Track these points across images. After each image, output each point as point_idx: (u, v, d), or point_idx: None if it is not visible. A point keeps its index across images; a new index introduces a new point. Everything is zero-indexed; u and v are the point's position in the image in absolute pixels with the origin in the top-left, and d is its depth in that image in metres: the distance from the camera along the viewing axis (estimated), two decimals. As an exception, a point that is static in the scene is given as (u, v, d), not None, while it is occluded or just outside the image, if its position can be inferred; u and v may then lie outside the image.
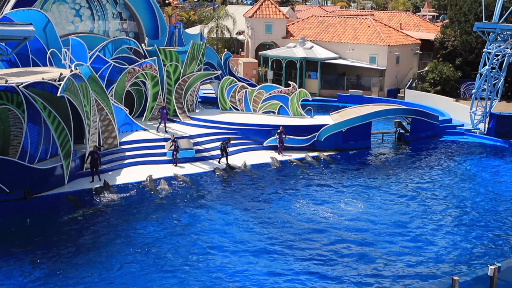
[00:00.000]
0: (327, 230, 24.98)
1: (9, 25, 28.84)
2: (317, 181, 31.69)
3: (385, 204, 28.49)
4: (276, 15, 61.14)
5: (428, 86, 53.49)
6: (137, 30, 42.07)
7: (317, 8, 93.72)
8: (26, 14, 34.22)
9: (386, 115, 40.01)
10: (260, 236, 24.27)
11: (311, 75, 56.24)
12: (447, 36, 55.94)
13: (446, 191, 30.79)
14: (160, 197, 28.41)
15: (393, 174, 33.33)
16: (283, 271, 21.39)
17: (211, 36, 66.72)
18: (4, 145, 27.01)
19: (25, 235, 23.82)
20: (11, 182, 26.35)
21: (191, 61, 39.02)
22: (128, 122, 35.75)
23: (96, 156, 29.47)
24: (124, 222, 25.47)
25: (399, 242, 24.12)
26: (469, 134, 42.39)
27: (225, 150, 33.25)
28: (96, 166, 29.63)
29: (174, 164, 32.44)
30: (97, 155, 29.52)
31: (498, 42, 40.22)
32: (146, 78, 37.87)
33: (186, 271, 21.18)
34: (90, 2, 40.12)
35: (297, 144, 36.58)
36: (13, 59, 33.38)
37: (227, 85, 40.69)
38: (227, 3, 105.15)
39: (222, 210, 27.09)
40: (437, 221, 26.53)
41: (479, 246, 24.01)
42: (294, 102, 39.75)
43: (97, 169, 29.78)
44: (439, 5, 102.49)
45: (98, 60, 35.92)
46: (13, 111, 26.93)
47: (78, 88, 28.53)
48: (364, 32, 57.07)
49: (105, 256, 22.16)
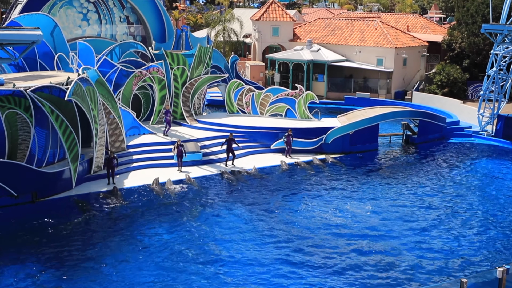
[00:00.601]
0: (341, 235, 24.95)
1: (17, 29, 29.05)
2: (325, 184, 31.61)
3: (394, 206, 28.39)
4: (283, 18, 61.14)
5: (435, 88, 53.34)
6: (144, 34, 42.20)
7: (324, 11, 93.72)
8: (33, 18, 34.42)
9: (394, 118, 39.92)
10: (270, 243, 24.26)
11: (318, 77, 56.17)
12: (455, 38, 55.80)
13: (455, 193, 30.66)
14: (168, 201, 28.41)
15: (401, 177, 33.22)
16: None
17: (218, 39, 66.82)
18: (12, 149, 27.10)
19: (33, 238, 23.85)
20: (19, 186, 26.47)
21: (198, 64, 39.07)
22: (136, 125, 35.82)
23: (114, 161, 29.73)
24: (131, 226, 25.49)
25: (408, 244, 24.04)
26: (477, 136, 42.24)
27: (231, 150, 33.17)
28: (113, 169, 29.84)
29: (178, 169, 32.31)
30: (115, 159, 29.78)
31: (506, 44, 40.09)
32: (153, 81, 37.94)
33: (196, 276, 21.21)
34: (97, 6, 40.29)
35: (305, 147, 36.53)
36: (20, 63, 33.56)
37: (234, 88, 40.71)
38: (234, 6, 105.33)
39: (231, 214, 27.07)
40: (446, 223, 26.42)
41: (488, 248, 23.90)
42: (301, 104, 39.74)
43: (113, 172, 29.94)
44: (446, 7, 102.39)
45: (105, 64, 36.03)
46: (21, 115, 27.04)
47: (86, 92, 28.61)
48: (371, 34, 57.00)
49: (112, 261, 22.19)
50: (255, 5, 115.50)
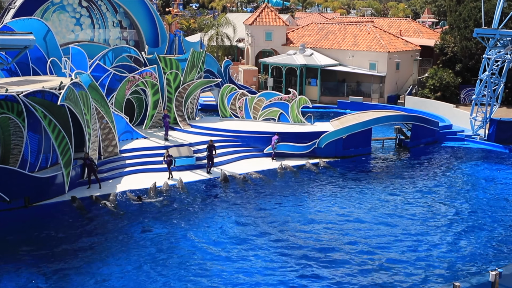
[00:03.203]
0: (332, 240, 25.00)
1: (9, 34, 28.99)
2: (318, 188, 31.66)
3: (385, 209, 28.44)
4: (276, 22, 61.27)
5: (428, 92, 53.55)
6: (137, 38, 42.20)
7: (317, 15, 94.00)
8: (26, 23, 34.34)
9: (387, 122, 40.03)
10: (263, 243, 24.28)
11: (311, 82, 56.29)
12: (447, 42, 56.04)
13: (448, 197, 30.74)
14: (162, 204, 28.38)
15: (394, 180, 33.29)
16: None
17: (211, 43, 66.87)
18: (5, 154, 27.03)
19: (26, 243, 23.76)
20: (11, 190, 26.40)
21: (191, 69, 39.08)
22: (129, 130, 35.78)
23: (88, 162, 29.50)
24: (125, 230, 25.44)
25: (401, 247, 24.08)
26: (469, 140, 42.39)
27: (211, 157, 33.11)
28: (91, 173, 29.72)
29: (168, 177, 32.15)
30: (89, 161, 29.54)
31: (498, 48, 40.29)
32: (146, 86, 37.93)
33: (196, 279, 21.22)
34: (90, 11, 40.27)
35: (298, 151, 36.58)
36: (13, 68, 33.48)
37: (227, 92, 40.72)
38: (227, 10, 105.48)
39: (220, 218, 27.07)
40: (439, 227, 26.48)
41: (480, 252, 23.96)
42: (295, 109, 39.79)
43: (96, 176, 29.83)
44: (438, 11, 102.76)
45: (98, 69, 36.00)
46: (14, 120, 26.98)
47: (79, 96, 28.58)
48: (364, 38, 57.17)
49: (106, 264, 22.15)
50: (248, 9, 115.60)
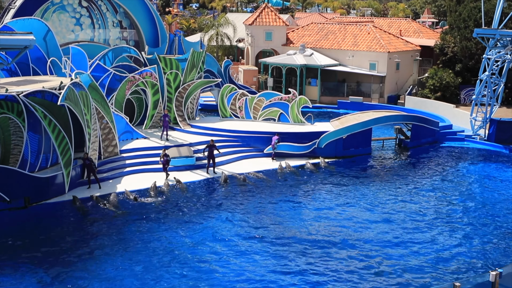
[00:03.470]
0: (332, 242, 24.99)
1: (9, 34, 28.97)
2: (318, 188, 31.65)
3: (385, 209, 28.43)
4: (276, 22, 61.27)
5: (428, 92, 53.56)
6: (137, 39, 42.20)
7: (317, 15, 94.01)
8: (26, 23, 34.33)
9: (387, 122, 40.02)
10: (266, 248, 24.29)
11: (311, 82, 56.30)
12: (447, 42, 56.05)
13: (448, 197, 30.74)
14: (162, 206, 28.37)
15: (393, 181, 33.28)
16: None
17: (211, 43, 66.88)
18: (5, 154, 27.03)
19: (26, 243, 23.76)
20: (11, 191, 26.38)
21: (191, 69, 39.07)
22: (129, 130, 35.78)
23: (87, 162, 29.51)
24: (126, 230, 25.44)
25: (401, 247, 24.07)
26: (469, 140, 42.39)
27: (212, 157, 33.10)
28: (91, 173, 29.74)
29: (166, 177, 32.12)
30: (88, 161, 29.55)
31: (498, 48, 40.28)
32: (146, 86, 37.92)
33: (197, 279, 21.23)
34: (90, 11, 40.27)
35: (298, 151, 36.57)
36: (13, 68, 33.47)
37: (227, 92, 40.72)
38: (227, 10, 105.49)
39: (219, 218, 27.05)
40: (438, 227, 26.47)
41: (480, 252, 23.96)
42: (295, 109, 39.78)
43: (95, 176, 29.85)
44: (438, 12, 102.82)
45: (98, 69, 35.99)
46: (14, 120, 26.97)
47: (79, 96, 28.57)
48: (364, 39, 57.18)
49: (106, 264, 22.14)
50: (248, 9, 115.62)
